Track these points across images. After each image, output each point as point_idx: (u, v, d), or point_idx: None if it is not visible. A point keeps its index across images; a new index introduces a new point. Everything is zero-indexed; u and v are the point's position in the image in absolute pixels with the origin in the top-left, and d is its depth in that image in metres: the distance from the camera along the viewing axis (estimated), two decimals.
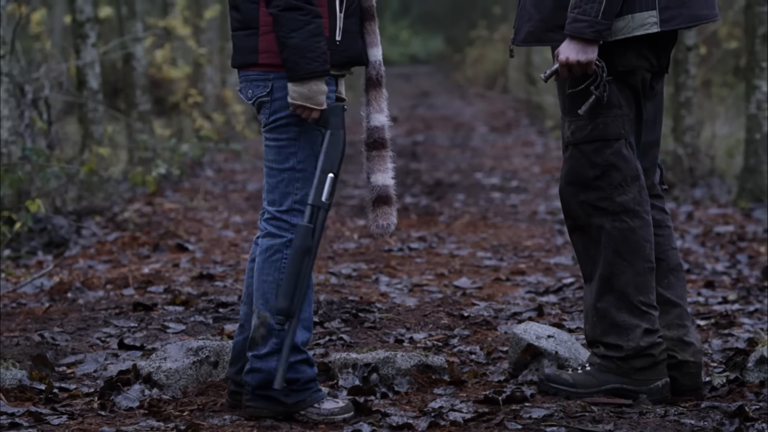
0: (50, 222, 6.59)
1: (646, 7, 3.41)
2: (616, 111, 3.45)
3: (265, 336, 3.31)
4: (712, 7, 3.51)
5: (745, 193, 7.60)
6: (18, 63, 7.61)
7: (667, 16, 3.42)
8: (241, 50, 3.38)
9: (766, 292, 5.01)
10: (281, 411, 3.31)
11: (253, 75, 3.37)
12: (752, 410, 3.23)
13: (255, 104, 3.38)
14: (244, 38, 3.37)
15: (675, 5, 3.43)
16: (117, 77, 12.32)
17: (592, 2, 3.35)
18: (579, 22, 3.36)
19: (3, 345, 4.08)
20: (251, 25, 3.36)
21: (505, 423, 3.16)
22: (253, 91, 3.37)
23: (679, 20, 3.44)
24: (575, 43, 3.38)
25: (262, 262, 3.36)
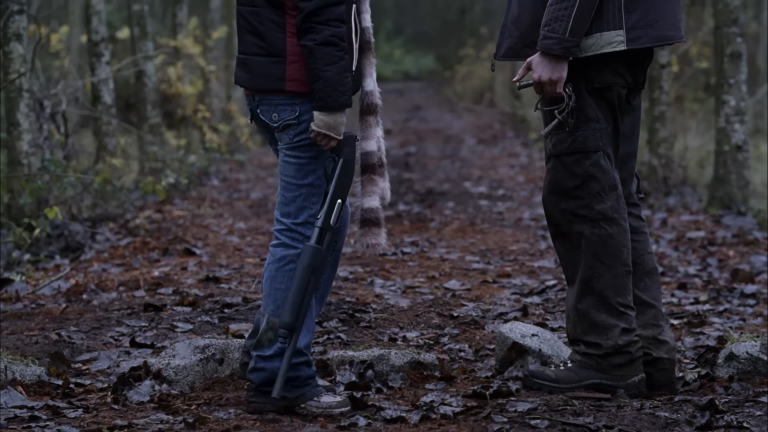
0: (67, 228, 6.58)
1: (614, 27, 3.40)
2: (594, 125, 3.45)
3: (272, 340, 3.30)
4: (678, 29, 3.50)
5: (715, 201, 7.61)
6: (37, 80, 7.61)
7: (633, 36, 3.41)
8: (265, 76, 3.33)
9: (735, 293, 5.02)
10: (283, 405, 3.30)
11: (277, 100, 3.34)
12: (722, 403, 3.24)
13: (279, 126, 3.35)
14: (269, 65, 3.33)
15: (641, 26, 3.42)
16: (129, 93, 12.31)
17: (561, 21, 3.34)
18: (548, 39, 3.36)
19: (23, 343, 4.07)
20: (278, 53, 3.32)
21: (492, 416, 3.15)
22: (279, 115, 3.34)
23: (644, 40, 3.43)
24: (546, 59, 3.38)
25: (276, 271, 3.35)
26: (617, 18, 3.40)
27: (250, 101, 3.40)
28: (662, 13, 3.44)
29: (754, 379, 3.48)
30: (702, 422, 3.06)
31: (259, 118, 3.38)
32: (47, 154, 7.26)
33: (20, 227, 6.40)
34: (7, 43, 6.94)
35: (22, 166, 6.84)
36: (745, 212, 7.36)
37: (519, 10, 3.45)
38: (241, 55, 3.38)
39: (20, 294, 5.09)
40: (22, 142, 6.89)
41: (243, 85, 3.40)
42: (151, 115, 10.31)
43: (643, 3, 3.42)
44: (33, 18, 7.82)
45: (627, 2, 3.40)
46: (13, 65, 6.92)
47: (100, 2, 8.93)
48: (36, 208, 6.77)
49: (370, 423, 3.14)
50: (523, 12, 3.44)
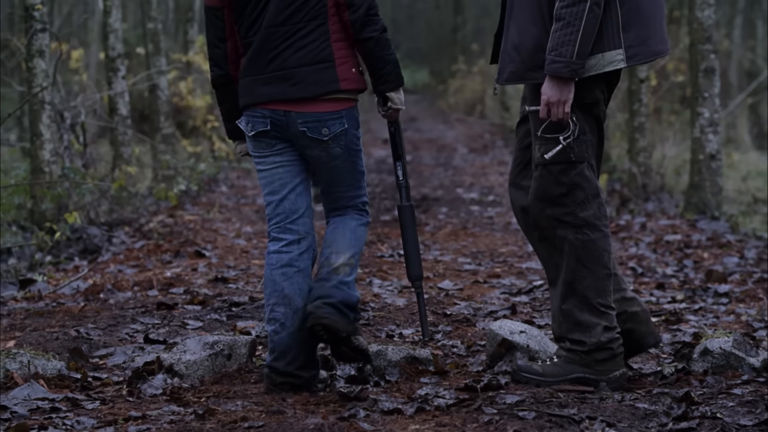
0: (85, 232, 6.58)
1: (614, 47, 3.42)
2: (582, 137, 3.46)
3: (349, 272, 3.47)
4: (665, 42, 3.54)
5: (691, 207, 7.62)
6: (58, 93, 7.61)
7: (631, 53, 3.44)
8: (317, 82, 3.40)
9: (709, 292, 5.02)
10: (350, 329, 3.42)
11: (326, 116, 3.42)
12: (697, 395, 3.24)
13: (328, 137, 3.44)
14: (320, 71, 3.40)
15: (637, 44, 3.44)
16: (144, 105, 12.32)
17: (567, 45, 3.34)
18: (556, 63, 3.36)
19: (45, 339, 4.06)
20: (325, 59, 3.40)
21: (483, 408, 3.15)
22: (330, 129, 3.43)
23: (640, 56, 3.47)
24: (554, 82, 3.38)
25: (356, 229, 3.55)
26: (617, 38, 3.42)
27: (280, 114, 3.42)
28: (652, 30, 3.47)
29: (727, 372, 3.48)
30: (678, 413, 3.06)
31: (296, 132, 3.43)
32: (67, 163, 7.26)
33: (42, 231, 6.41)
34: (31, 59, 6.94)
35: (44, 174, 6.84)
36: (718, 217, 7.37)
37: (520, 38, 3.45)
38: (281, 70, 3.40)
39: (42, 293, 5.09)
40: (44, 151, 6.89)
41: (290, 96, 3.40)
42: (164, 126, 10.32)
43: (637, 23, 3.44)
44: (55, 36, 7.83)
45: (624, 23, 3.42)
46: (36, 80, 6.92)
47: (116, 21, 8.94)
48: (57, 213, 6.78)
49: (368, 414, 3.13)
50: (525, 39, 3.44)
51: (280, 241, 3.48)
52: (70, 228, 6.50)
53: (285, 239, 3.48)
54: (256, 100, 3.43)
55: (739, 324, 4.35)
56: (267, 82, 3.41)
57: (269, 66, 3.41)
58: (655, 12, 3.48)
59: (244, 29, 3.47)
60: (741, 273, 5.47)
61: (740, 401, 3.19)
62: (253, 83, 3.44)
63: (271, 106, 3.42)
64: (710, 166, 7.58)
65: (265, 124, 3.44)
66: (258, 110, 3.44)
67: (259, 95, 3.42)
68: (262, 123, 3.44)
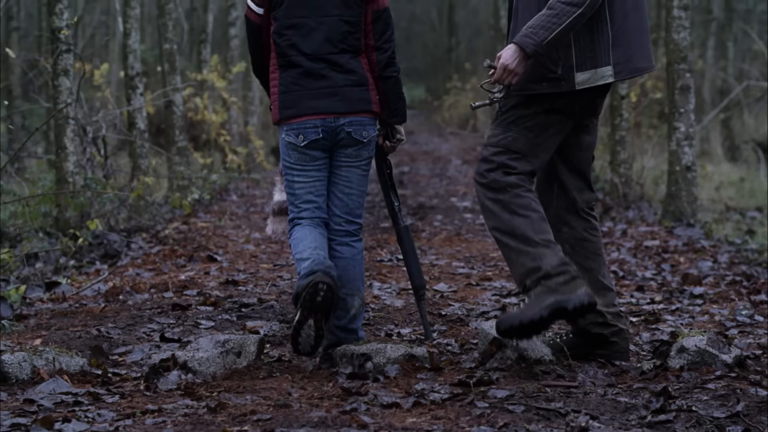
0: (106, 238, 6.58)
1: (605, 63, 3.47)
2: (524, 132, 3.50)
3: (360, 313, 3.79)
4: (649, 60, 3.58)
5: (668, 214, 7.62)
6: (81, 109, 7.62)
7: (618, 70, 3.48)
8: (359, 100, 3.74)
9: (685, 294, 5.02)
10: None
11: (366, 120, 3.76)
12: (674, 390, 3.24)
13: (366, 140, 3.76)
14: (360, 92, 3.75)
15: (623, 61, 3.48)
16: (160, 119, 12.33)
17: (545, 30, 3.37)
18: (528, 38, 3.39)
19: (68, 337, 4.06)
20: (364, 83, 3.76)
21: (475, 402, 3.15)
22: (368, 132, 3.76)
23: (624, 73, 3.51)
24: (517, 53, 3.41)
25: (361, 259, 3.79)
26: (607, 55, 3.46)
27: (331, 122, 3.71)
28: (636, 49, 3.51)
29: (702, 368, 3.48)
30: (657, 406, 3.06)
31: (341, 136, 3.72)
32: (89, 174, 7.27)
33: (66, 237, 6.41)
34: (57, 78, 6.95)
35: (68, 184, 6.84)
36: (693, 224, 7.38)
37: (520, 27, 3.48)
38: (330, 88, 3.72)
39: (66, 295, 5.09)
40: (68, 163, 6.89)
41: (336, 110, 3.71)
42: (179, 139, 10.32)
43: (623, 42, 3.48)
44: (78, 56, 7.84)
45: (613, 42, 3.46)
46: (61, 96, 6.93)
47: (135, 42, 8.95)
48: (80, 221, 6.78)
49: (368, 408, 3.13)
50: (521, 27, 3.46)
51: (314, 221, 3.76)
52: (91, 234, 6.50)
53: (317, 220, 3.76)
54: (304, 112, 3.71)
55: (712, 323, 4.35)
56: (315, 97, 3.71)
57: (317, 84, 3.72)
58: (640, 33, 3.52)
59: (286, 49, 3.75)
60: (714, 276, 5.47)
61: (714, 395, 3.19)
62: (299, 97, 3.72)
63: (320, 116, 3.71)
64: (686, 176, 7.59)
65: (317, 133, 3.71)
66: (308, 121, 3.71)
67: (308, 107, 3.71)
68: (314, 132, 3.71)
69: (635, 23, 3.50)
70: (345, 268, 3.74)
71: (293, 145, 3.72)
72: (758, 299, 4.81)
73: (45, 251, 6.13)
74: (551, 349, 3.59)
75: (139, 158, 8.78)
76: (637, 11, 3.52)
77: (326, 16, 3.74)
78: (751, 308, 4.62)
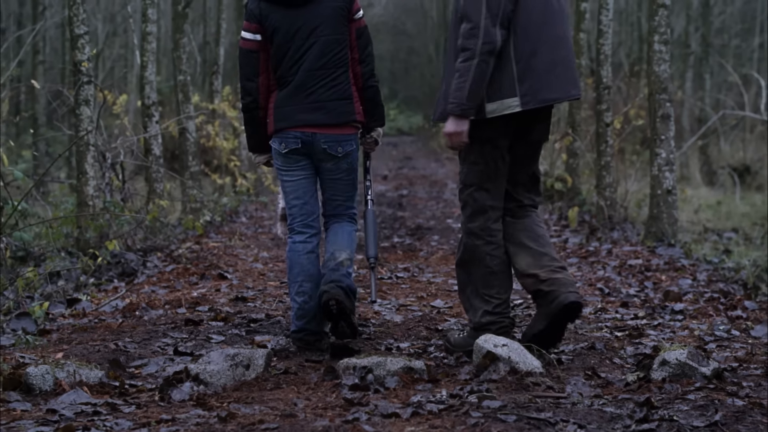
0: (123, 257, 6.58)
1: (511, 95, 3.76)
2: (473, 166, 3.88)
3: (349, 265, 4.07)
4: (562, 91, 3.81)
5: (650, 235, 7.62)
6: (101, 136, 7.65)
7: (525, 101, 3.76)
8: (342, 113, 4.01)
9: (667, 310, 5.02)
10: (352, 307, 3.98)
11: (342, 137, 4.03)
12: (656, 401, 3.23)
13: (341, 155, 4.03)
14: (345, 105, 4.02)
15: (529, 93, 3.75)
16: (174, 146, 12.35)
17: (461, 90, 3.72)
18: (452, 104, 3.77)
19: (88, 351, 4.06)
20: (347, 97, 4.02)
21: (470, 412, 3.15)
22: (342, 147, 4.04)
23: (532, 103, 3.77)
24: (451, 119, 3.80)
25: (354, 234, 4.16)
26: (513, 88, 3.76)
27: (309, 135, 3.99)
28: (545, 82, 3.77)
29: (682, 380, 3.48)
30: (640, 416, 3.05)
31: (318, 149, 4.00)
32: (108, 197, 7.28)
33: (86, 256, 6.41)
34: (78, 107, 6.97)
35: (88, 207, 6.85)
36: (674, 244, 7.38)
37: (446, 88, 3.83)
38: (316, 102, 3.98)
39: (86, 311, 5.08)
40: (88, 187, 6.90)
41: (321, 122, 3.98)
42: (192, 165, 10.34)
43: (530, 76, 3.74)
44: (98, 87, 7.87)
45: (519, 76, 3.74)
46: (82, 125, 6.95)
47: (151, 74, 8.99)
48: (99, 241, 6.79)
49: (370, 418, 3.13)
50: (448, 88, 3.81)
51: (305, 234, 4.09)
52: (110, 254, 6.50)
53: (308, 232, 4.09)
54: (293, 124, 3.98)
55: (692, 338, 4.34)
56: (304, 111, 3.98)
57: (307, 99, 3.98)
58: (551, 68, 3.77)
59: (283, 70, 4.01)
60: (694, 293, 5.47)
61: (694, 405, 3.18)
62: (291, 111, 3.99)
63: (302, 129, 3.98)
64: (667, 200, 7.60)
65: (296, 143, 4.00)
66: (290, 132, 4.00)
67: (297, 120, 3.98)
68: (294, 142, 4.01)
69: (544, 60, 3.75)
70: (335, 232, 4.13)
71: (277, 151, 4.07)
72: (734, 315, 4.81)
73: (67, 270, 6.13)
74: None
75: (154, 182, 8.79)
76: (549, 49, 3.76)
77: (319, 36, 4.01)
78: (728, 323, 4.62)
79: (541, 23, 3.76)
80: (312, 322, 4.05)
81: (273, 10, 4.01)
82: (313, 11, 4.01)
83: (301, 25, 3.99)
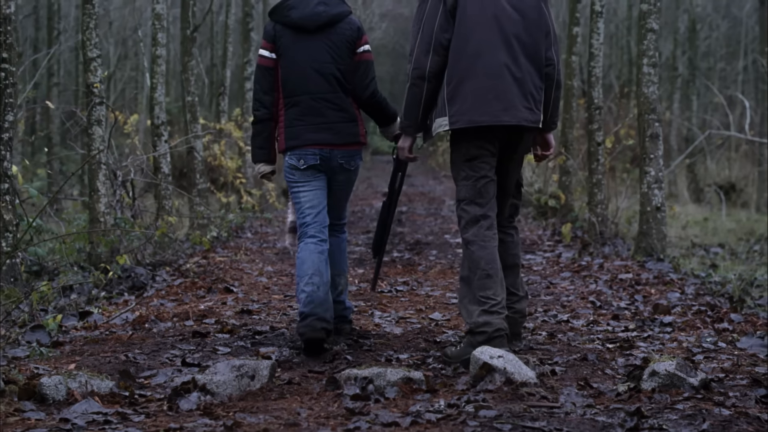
0: (133, 271, 6.58)
1: (443, 115, 3.97)
2: (463, 182, 4.03)
3: (346, 288, 4.43)
4: (491, 115, 3.94)
5: (640, 250, 7.63)
6: (112, 155, 7.66)
7: (453, 120, 3.95)
8: (349, 134, 4.25)
9: (656, 322, 5.01)
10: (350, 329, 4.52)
11: (354, 152, 4.30)
12: (646, 410, 3.23)
13: (353, 168, 4.31)
14: (351, 126, 4.27)
15: (458, 114, 3.94)
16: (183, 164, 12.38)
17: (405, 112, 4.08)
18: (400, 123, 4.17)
19: (99, 362, 4.05)
20: (353, 119, 4.27)
21: (467, 421, 3.14)
22: (355, 162, 4.31)
23: (459, 123, 3.94)
24: (401, 137, 4.22)
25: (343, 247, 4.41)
26: (444, 109, 3.97)
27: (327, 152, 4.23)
28: (473, 106, 3.93)
29: (671, 390, 3.48)
30: (631, 425, 3.05)
31: (335, 164, 4.26)
32: (119, 214, 7.28)
33: (98, 271, 6.41)
34: (90, 127, 6.99)
35: (100, 223, 6.86)
36: (663, 259, 7.38)
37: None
38: (325, 123, 4.22)
39: (97, 323, 5.08)
40: (100, 204, 6.91)
41: (329, 143, 4.22)
42: (199, 182, 10.35)
43: (459, 99, 3.92)
44: (110, 108, 7.89)
45: (449, 99, 3.94)
46: (94, 144, 6.97)
47: (161, 95, 9.02)
48: (110, 256, 6.79)
49: (370, 426, 3.12)
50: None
51: (317, 238, 4.27)
52: (121, 268, 6.50)
53: (320, 237, 4.28)
54: (305, 143, 4.21)
55: (680, 349, 4.34)
56: (315, 131, 4.21)
57: (316, 120, 4.21)
58: (482, 94, 3.91)
59: (291, 90, 4.25)
60: (682, 306, 5.47)
61: (682, 415, 3.18)
62: (302, 130, 4.21)
63: (320, 146, 4.22)
64: (656, 216, 7.61)
65: (315, 159, 4.23)
66: (309, 150, 4.22)
67: (308, 139, 4.21)
68: (313, 159, 4.23)
69: (474, 86, 3.91)
70: (332, 253, 4.37)
71: (294, 166, 4.24)
72: (721, 327, 4.81)
73: (79, 284, 6.13)
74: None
75: (163, 199, 8.80)
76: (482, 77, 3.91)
77: (324, 63, 4.21)
78: (715, 335, 4.62)
79: (475, 54, 3.90)
80: (320, 307, 4.15)
81: (286, 34, 4.23)
82: (323, 39, 4.22)
83: (311, 50, 4.18)
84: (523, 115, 3.94)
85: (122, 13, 19.40)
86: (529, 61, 3.96)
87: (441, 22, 3.90)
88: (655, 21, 7.65)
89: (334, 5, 4.26)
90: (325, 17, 4.22)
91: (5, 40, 5.57)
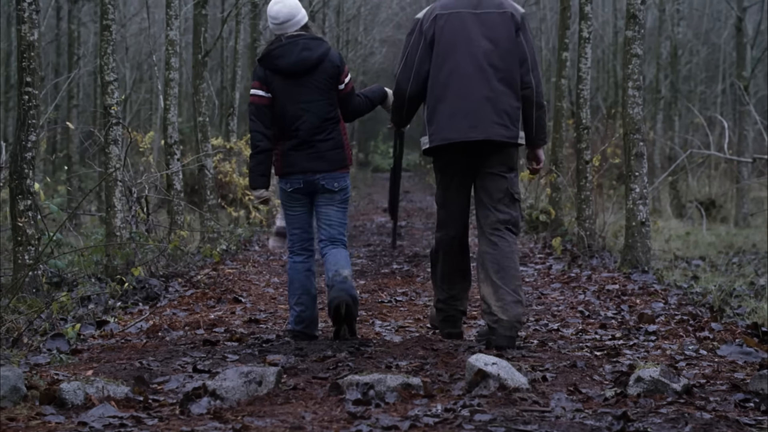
0: (147, 282, 6.59)
1: (426, 134, 4.32)
2: (438, 191, 4.40)
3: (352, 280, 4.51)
4: (460, 133, 4.24)
5: (626, 263, 7.63)
6: (128, 173, 7.68)
7: (432, 138, 4.27)
8: (337, 160, 4.53)
9: (641, 331, 5.01)
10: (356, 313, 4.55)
11: (338, 175, 4.54)
12: (632, 414, 3.23)
13: (337, 189, 4.52)
14: (338, 153, 4.54)
15: (435, 133, 4.26)
16: (194, 181, 12.39)
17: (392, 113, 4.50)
18: None
19: (115, 369, 4.05)
20: (341, 146, 4.54)
21: (463, 425, 3.14)
22: (338, 183, 4.53)
23: (437, 140, 4.25)
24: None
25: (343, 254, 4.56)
26: (425, 129, 4.32)
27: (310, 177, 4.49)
28: (446, 126, 4.23)
29: (656, 395, 3.47)
30: (618, 428, 3.05)
31: (318, 186, 4.50)
32: (134, 228, 7.29)
33: (114, 282, 6.41)
34: (108, 146, 7.01)
35: (116, 237, 6.87)
36: (647, 271, 7.38)
37: None
38: (316, 153, 4.50)
39: (114, 332, 5.08)
40: (116, 219, 6.92)
41: (320, 170, 4.50)
42: (210, 198, 10.37)
43: (434, 121, 4.24)
44: (126, 128, 7.92)
45: (428, 120, 4.29)
46: (111, 162, 6.99)
47: (173, 116, 9.05)
48: (125, 268, 6.79)
49: (371, 430, 3.12)
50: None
51: (303, 255, 4.60)
52: (135, 280, 6.51)
53: (305, 254, 4.60)
54: (299, 170, 4.51)
55: (664, 357, 4.34)
56: (308, 160, 4.50)
57: (309, 150, 4.50)
58: (451, 115, 4.19)
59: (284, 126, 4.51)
60: (665, 315, 5.47)
61: (666, 418, 3.18)
62: (297, 159, 4.51)
63: (304, 174, 4.51)
64: (641, 230, 7.62)
65: (299, 183, 4.53)
66: (296, 176, 4.53)
67: (303, 167, 4.51)
68: (297, 183, 4.53)
69: (446, 109, 4.21)
70: (334, 255, 4.54)
71: (283, 189, 4.56)
72: (702, 335, 4.81)
73: (96, 294, 6.14)
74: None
75: (176, 215, 8.81)
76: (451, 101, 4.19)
77: (313, 101, 4.50)
78: (696, 343, 4.61)
79: (444, 84, 4.25)
80: (307, 327, 4.65)
81: (276, 78, 4.51)
82: (309, 80, 4.50)
83: (299, 92, 4.49)
84: (495, 131, 4.21)
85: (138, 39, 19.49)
86: (504, 84, 4.22)
87: (421, 54, 4.25)
88: (639, 47, 7.68)
89: (315, 48, 4.50)
90: (310, 63, 4.49)
91: (29, 65, 5.60)
